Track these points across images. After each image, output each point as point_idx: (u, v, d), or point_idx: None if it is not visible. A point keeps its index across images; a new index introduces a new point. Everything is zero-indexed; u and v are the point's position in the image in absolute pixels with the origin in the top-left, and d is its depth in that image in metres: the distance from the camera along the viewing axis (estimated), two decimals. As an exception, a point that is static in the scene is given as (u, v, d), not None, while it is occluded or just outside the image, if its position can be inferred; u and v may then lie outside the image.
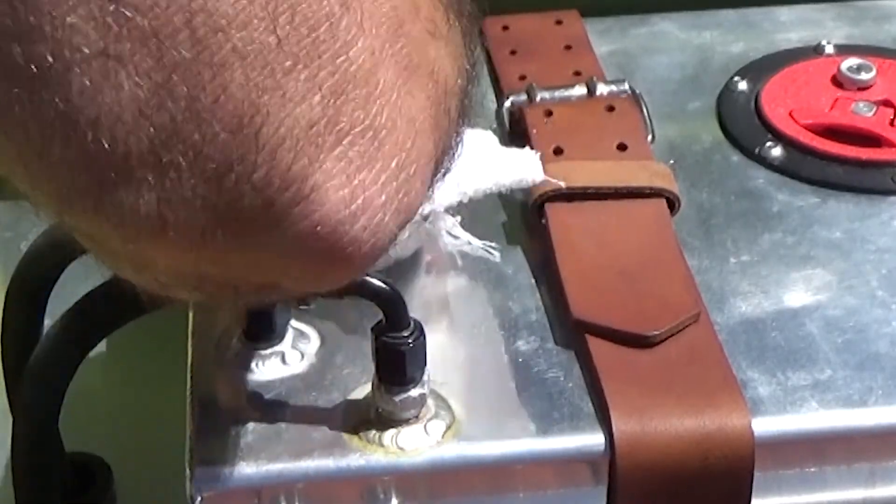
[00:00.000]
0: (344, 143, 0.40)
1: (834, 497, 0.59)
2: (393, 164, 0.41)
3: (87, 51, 0.37)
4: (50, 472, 0.60)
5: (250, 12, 0.38)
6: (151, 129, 0.38)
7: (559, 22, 0.82)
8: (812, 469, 0.58)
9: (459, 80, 0.46)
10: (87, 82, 0.38)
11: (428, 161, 0.43)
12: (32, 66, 0.37)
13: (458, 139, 0.47)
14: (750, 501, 0.57)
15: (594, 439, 0.56)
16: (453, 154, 0.47)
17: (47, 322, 0.63)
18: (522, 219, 0.68)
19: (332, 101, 0.40)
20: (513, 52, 0.80)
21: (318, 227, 0.41)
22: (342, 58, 0.40)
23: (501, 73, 0.78)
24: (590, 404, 0.58)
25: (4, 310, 0.65)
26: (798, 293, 0.64)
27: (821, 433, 0.58)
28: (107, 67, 0.38)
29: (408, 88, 0.42)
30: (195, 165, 0.39)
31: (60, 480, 0.61)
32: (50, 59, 0.37)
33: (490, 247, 0.65)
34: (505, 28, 0.82)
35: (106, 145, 0.38)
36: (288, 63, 0.39)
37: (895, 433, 0.58)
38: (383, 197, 0.41)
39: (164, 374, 0.66)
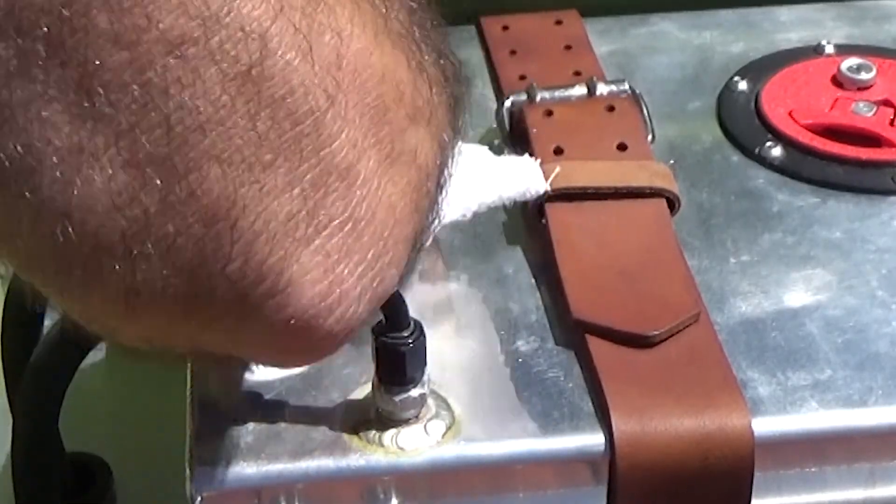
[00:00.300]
0: (322, 235, 0.39)
1: (834, 497, 0.59)
2: (370, 255, 0.41)
3: (59, 144, 0.36)
4: (50, 472, 0.60)
5: (231, 109, 0.37)
6: (123, 222, 0.38)
7: (559, 22, 0.82)
8: (812, 469, 0.58)
9: (439, 159, 0.45)
10: (59, 174, 0.37)
11: (405, 246, 0.43)
12: (3, 158, 0.37)
13: (437, 215, 0.46)
14: (750, 501, 0.57)
15: (594, 439, 0.56)
16: (432, 229, 0.46)
17: (47, 322, 0.63)
18: (522, 219, 0.68)
19: (312, 193, 0.39)
20: (513, 52, 0.80)
21: (292, 321, 0.40)
22: (325, 150, 0.39)
23: (501, 73, 0.78)
24: (590, 404, 0.58)
25: (4, 310, 0.65)
26: (798, 293, 0.64)
27: (821, 433, 0.58)
28: (79, 161, 0.37)
29: (389, 176, 0.41)
30: (167, 257, 0.38)
31: (60, 480, 0.61)
32: (20, 150, 0.36)
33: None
34: (505, 28, 0.82)
35: (74, 237, 0.37)
36: (268, 157, 0.38)
37: (895, 433, 0.58)
38: (358, 289, 0.41)
39: (164, 374, 0.66)
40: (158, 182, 0.37)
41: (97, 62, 0.36)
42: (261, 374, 0.59)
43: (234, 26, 0.37)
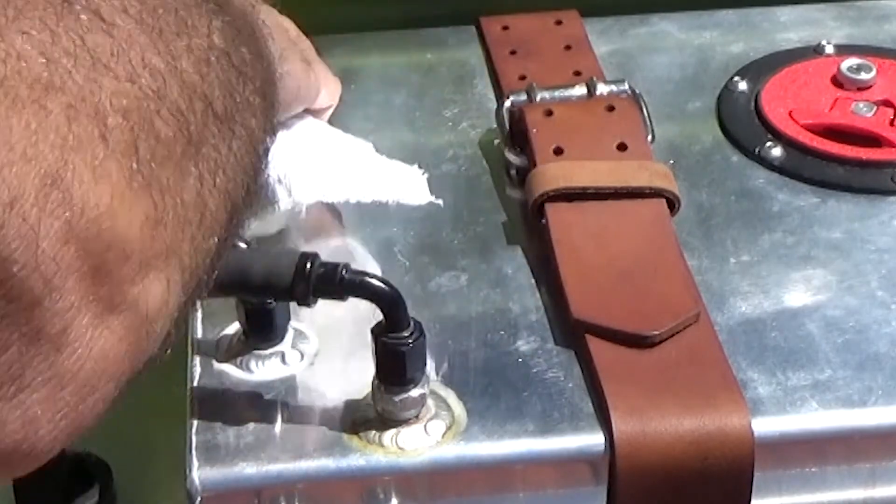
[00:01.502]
0: (23, 393, 0.40)
1: (834, 497, 0.59)
2: (72, 402, 0.41)
3: None
4: (50, 472, 0.59)
5: None
6: None
7: (559, 22, 0.82)
8: (812, 469, 0.58)
9: (172, 298, 0.44)
10: None
11: (117, 384, 0.43)
12: None
13: (161, 341, 0.45)
14: (750, 502, 0.57)
15: (594, 439, 0.56)
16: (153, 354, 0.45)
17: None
18: (522, 219, 0.68)
19: (18, 358, 0.39)
20: (513, 52, 0.80)
21: None
22: (35, 322, 0.39)
23: (501, 73, 0.78)
24: (590, 404, 0.58)
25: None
26: (798, 293, 0.64)
27: (821, 433, 0.58)
28: None
29: (105, 326, 0.41)
30: None
31: (60, 480, 0.60)
32: None
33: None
34: (505, 28, 0.82)
35: None
36: None
37: (895, 433, 0.58)
38: (55, 432, 0.41)
39: (164, 374, 0.66)
40: None
41: None
42: (261, 375, 0.59)
43: None
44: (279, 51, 0.55)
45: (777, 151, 0.73)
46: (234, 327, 0.61)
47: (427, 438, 0.56)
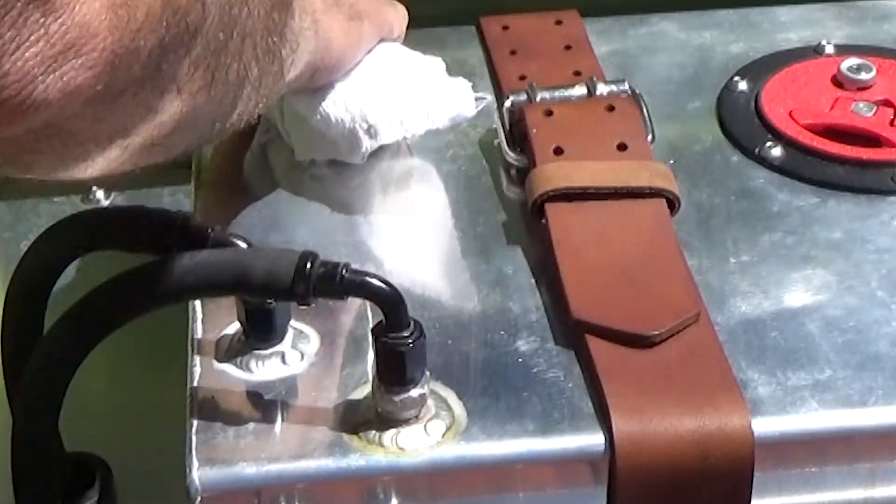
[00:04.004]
0: (21, 49, 0.42)
1: (834, 497, 0.59)
2: (60, 61, 0.43)
3: None
4: (50, 472, 0.60)
5: None
6: None
7: (559, 22, 0.82)
8: (812, 469, 0.58)
9: None
10: None
11: (98, 58, 0.44)
12: None
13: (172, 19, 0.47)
14: (750, 501, 0.57)
15: (594, 439, 0.56)
16: (142, 50, 0.47)
17: (47, 322, 0.63)
18: (522, 219, 0.68)
19: (18, 16, 0.41)
20: (513, 52, 0.80)
21: None
22: None
23: (501, 73, 0.78)
24: (590, 404, 0.58)
25: (4, 309, 0.65)
26: (798, 293, 0.64)
27: (821, 433, 0.58)
28: None
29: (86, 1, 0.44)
30: None
31: (60, 480, 0.60)
32: None
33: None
34: (505, 28, 0.82)
35: None
36: None
37: (895, 433, 0.58)
38: (46, 86, 0.43)
39: (164, 374, 0.66)
40: None
41: None
42: (261, 375, 0.59)
43: None
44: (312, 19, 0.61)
45: (777, 151, 0.73)
46: (234, 327, 0.61)
47: (427, 438, 0.56)
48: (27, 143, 0.47)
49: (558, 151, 0.69)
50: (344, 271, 0.55)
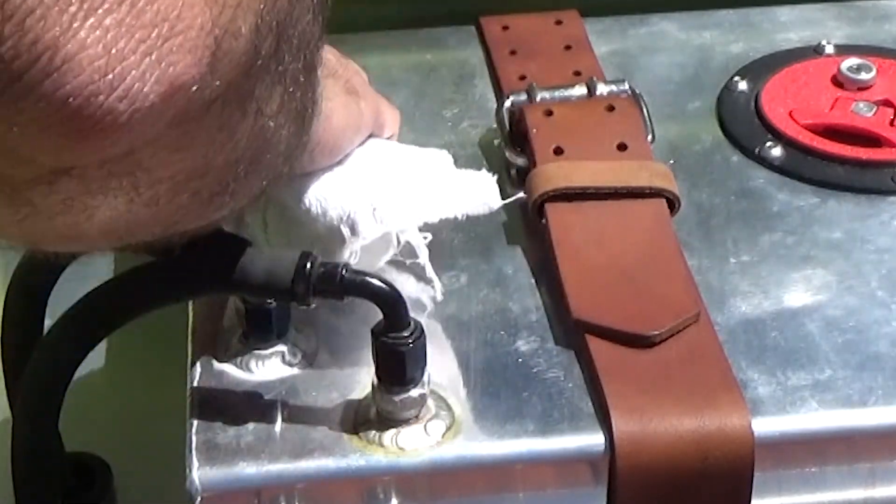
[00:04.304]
0: (99, 12, 0.38)
1: (834, 497, 0.59)
2: (153, 34, 0.39)
3: None
4: (50, 472, 0.60)
5: None
6: None
7: (559, 22, 0.82)
8: (812, 469, 0.58)
9: None
10: None
11: (200, 34, 0.41)
12: None
13: (248, 20, 0.43)
14: (750, 501, 0.57)
15: (594, 439, 0.56)
16: (241, 34, 0.43)
17: (47, 322, 0.63)
18: (522, 219, 0.68)
19: None
20: (513, 52, 0.80)
21: (71, 99, 0.39)
22: None
23: (501, 73, 0.78)
24: (590, 404, 0.58)
25: (4, 309, 0.65)
26: (798, 293, 0.64)
27: (821, 433, 0.58)
28: None
29: None
30: None
31: (60, 480, 0.61)
32: None
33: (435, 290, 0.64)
34: (505, 28, 0.82)
35: None
36: None
37: (895, 433, 0.58)
38: (143, 67, 0.39)
39: (164, 374, 0.66)
40: None
41: None
42: (261, 375, 0.59)
43: None
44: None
45: (777, 151, 0.73)
46: (234, 327, 0.61)
47: (427, 438, 0.56)
48: (95, 180, 0.42)
49: (558, 151, 0.69)
50: (344, 271, 0.55)
